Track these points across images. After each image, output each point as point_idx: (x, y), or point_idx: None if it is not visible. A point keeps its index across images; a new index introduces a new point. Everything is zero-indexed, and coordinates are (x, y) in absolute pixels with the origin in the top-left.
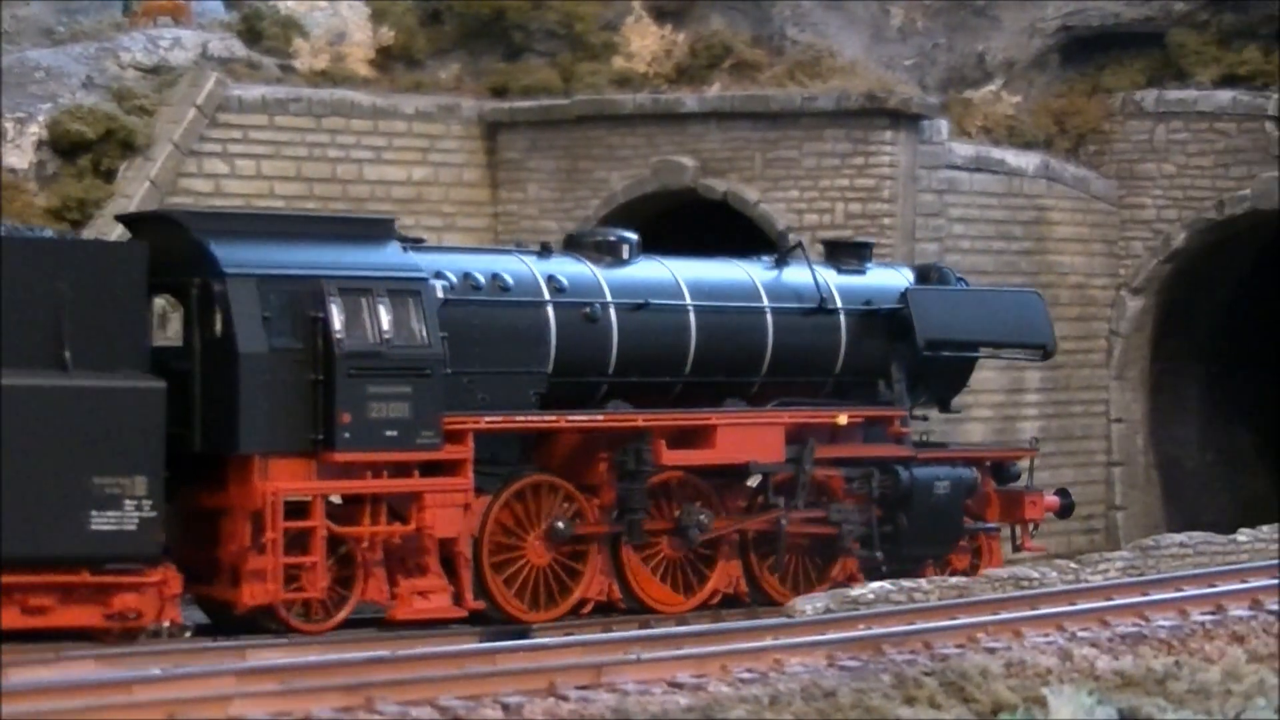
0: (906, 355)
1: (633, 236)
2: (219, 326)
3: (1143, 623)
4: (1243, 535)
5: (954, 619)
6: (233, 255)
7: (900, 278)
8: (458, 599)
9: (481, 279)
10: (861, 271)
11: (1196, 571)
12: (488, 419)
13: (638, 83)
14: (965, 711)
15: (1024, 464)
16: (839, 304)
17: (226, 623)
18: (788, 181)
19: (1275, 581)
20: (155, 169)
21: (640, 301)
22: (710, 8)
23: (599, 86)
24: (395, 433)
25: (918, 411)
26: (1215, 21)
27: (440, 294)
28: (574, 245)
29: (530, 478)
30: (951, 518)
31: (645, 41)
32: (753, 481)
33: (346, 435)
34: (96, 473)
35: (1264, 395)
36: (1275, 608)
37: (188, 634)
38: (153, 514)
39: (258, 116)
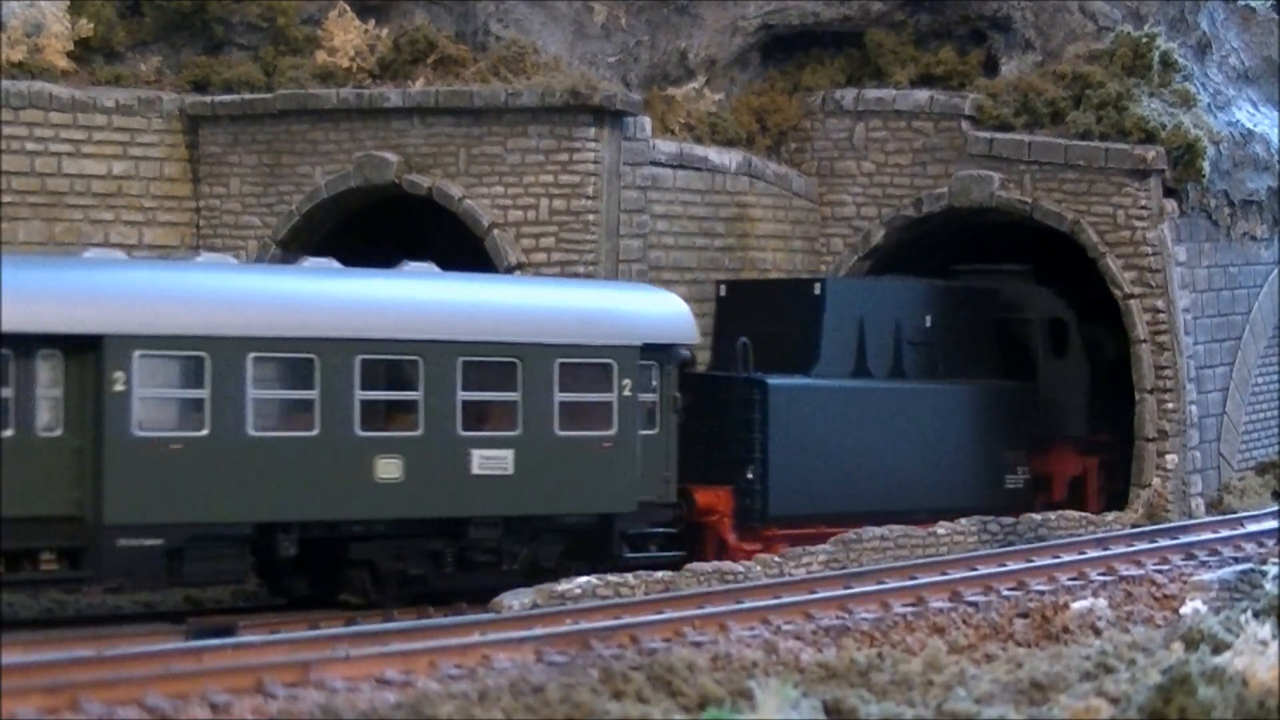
0: None
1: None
2: (1052, 350)
3: (845, 615)
4: (941, 529)
5: (660, 613)
6: (1063, 300)
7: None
8: None
9: None
10: None
11: (897, 564)
12: None
13: (341, 77)
14: (672, 705)
15: None
16: None
17: None
18: (492, 178)
19: (973, 573)
20: None
21: None
22: (414, 4)
23: (301, 81)
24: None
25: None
26: (911, 22)
27: None
28: None
29: None
30: None
31: (348, 36)
32: None
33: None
34: (1006, 448)
35: None
36: (974, 599)
37: None
38: (1028, 475)
39: None
